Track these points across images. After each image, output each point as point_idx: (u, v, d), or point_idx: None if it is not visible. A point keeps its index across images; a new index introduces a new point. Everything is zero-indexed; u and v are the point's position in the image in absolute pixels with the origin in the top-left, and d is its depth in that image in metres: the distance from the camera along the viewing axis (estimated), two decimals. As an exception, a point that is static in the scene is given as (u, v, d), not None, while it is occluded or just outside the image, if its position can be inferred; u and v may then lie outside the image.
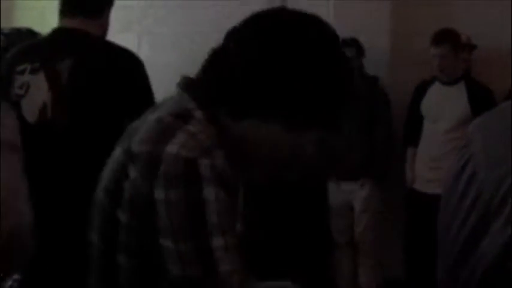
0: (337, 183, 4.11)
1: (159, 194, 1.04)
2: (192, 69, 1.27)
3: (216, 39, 1.26)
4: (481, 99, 3.68)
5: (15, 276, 2.34)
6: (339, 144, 1.17)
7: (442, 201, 0.80)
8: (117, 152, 1.14)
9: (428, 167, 3.89)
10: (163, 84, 1.96)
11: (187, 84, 1.19)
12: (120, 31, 3.85)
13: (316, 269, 4.10)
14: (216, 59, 1.18)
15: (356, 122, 4.04)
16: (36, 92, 2.08)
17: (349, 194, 4.10)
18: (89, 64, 2.09)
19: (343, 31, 4.20)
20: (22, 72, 2.11)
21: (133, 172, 1.07)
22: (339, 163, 1.02)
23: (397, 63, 4.30)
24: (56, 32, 2.22)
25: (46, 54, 2.14)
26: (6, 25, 3.91)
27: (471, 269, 0.72)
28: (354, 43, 4.11)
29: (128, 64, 2.18)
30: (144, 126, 1.13)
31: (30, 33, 3.64)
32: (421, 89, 4.01)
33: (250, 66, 1.12)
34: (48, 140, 2.08)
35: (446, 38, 3.79)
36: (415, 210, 3.92)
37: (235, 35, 1.19)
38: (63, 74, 2.06)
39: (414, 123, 4.01)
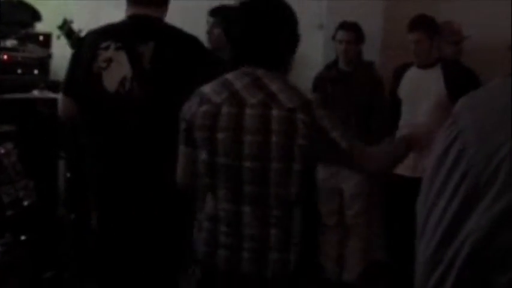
0: (327, 167, 4.10)
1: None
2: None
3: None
4: (459, 80, 3.66)
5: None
6: None
7: (424, 182, 0.80)
8: (277, 114, 1.94)
9: None
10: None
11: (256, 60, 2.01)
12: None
13: (303, 249, 4.08)
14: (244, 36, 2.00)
15: (353, 107, 4.02)
16: (117, 66, 2.42)
17: (339, 178, 4.09)
18: (168, 47, 2.43)
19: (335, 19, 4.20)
20: (106, 48, 2.43)
21: (303, 116, 1.92)
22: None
23: (388, 49, 4.30)
24: (132, 18, 2.49)
25: (127, 36, 2.45)
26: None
27: (457, 247, 0.72)
28: (354, 27, 4.05)
29: (198, 47, 2.52)
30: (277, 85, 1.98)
31: (20, 4, 3.62)
32: (398, 73, 4.01)
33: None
34: (123, 107, 2.44)
35: (420, 24, 3.80)
36: (394, 194, 3.91)
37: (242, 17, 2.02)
38: (146, 55, 2.40)
39: (393, 112, 3.99)
